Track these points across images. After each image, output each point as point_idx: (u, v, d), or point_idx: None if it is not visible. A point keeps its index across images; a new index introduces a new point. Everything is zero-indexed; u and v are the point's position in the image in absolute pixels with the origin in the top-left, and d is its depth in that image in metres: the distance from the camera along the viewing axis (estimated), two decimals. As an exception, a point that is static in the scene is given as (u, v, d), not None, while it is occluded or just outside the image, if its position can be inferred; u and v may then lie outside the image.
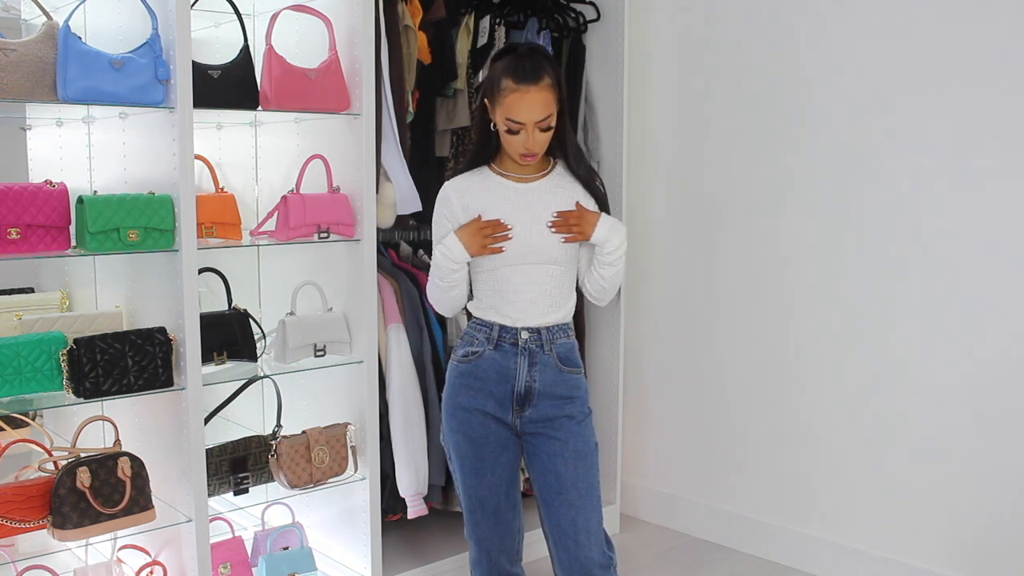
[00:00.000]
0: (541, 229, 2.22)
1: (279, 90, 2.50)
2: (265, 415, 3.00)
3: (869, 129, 2.95)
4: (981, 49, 2.71)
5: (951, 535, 2.86)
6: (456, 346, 2.32)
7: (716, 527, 3.46)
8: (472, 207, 2.24)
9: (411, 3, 2.94)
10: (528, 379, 2.21)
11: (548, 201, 2.25)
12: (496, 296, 2.24)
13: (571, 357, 2.27)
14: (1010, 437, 2.72)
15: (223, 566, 2.58)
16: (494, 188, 2.25)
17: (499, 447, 2.25)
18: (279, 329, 2.62)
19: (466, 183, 2.27)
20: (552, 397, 2.22)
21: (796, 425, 3.21)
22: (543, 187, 2.26)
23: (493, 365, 2.22)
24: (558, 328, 2.25)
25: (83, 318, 2.48)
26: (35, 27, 2.43)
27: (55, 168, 2.78)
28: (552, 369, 2.23)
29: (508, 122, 2.15)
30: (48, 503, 2.15)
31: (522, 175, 2.27)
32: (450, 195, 2.27)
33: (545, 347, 2.23)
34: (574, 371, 2.27)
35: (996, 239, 2.72)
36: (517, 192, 2.24)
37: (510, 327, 2.22)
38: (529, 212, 2.22)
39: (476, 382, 2.24)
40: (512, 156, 2.22)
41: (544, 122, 2.15)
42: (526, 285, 2.22)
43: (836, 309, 3.08)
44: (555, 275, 2.24)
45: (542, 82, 2.12)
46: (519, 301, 2.21)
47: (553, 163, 2.31)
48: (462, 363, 2.27)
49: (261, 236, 2.67)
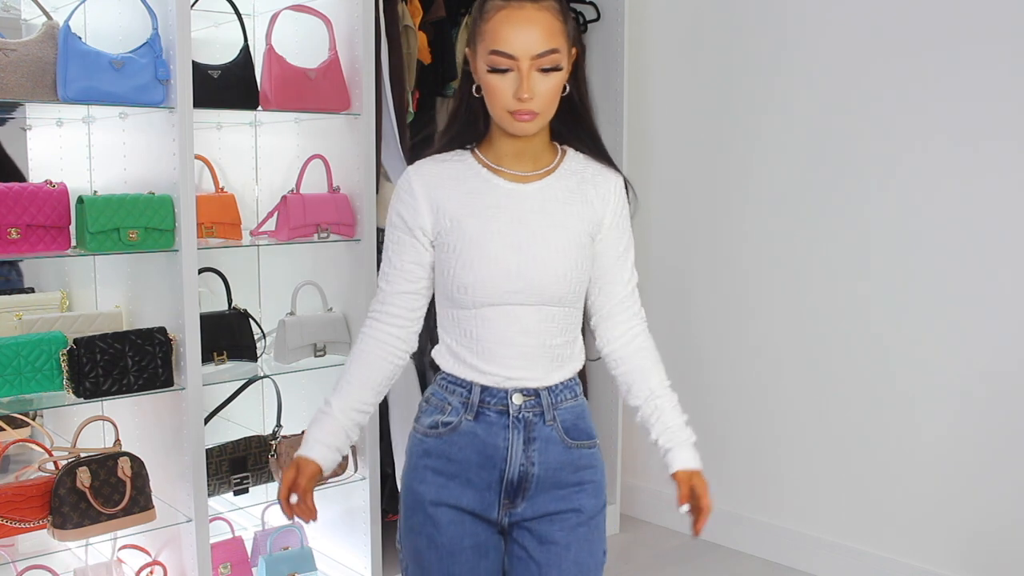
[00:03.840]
0: (542, 255, 1.55)
1: (279, 90, 2.50)
2: (265, 415, 3.00)
3: (869, 129, 2.95)
4: (985, 43, 2.71)
5: (951, 535, 2.86)
6: (420, 410, 1.67)
7: (716, 527, 3.45)
8: (444, 209, 1.57)
9: (411, 3, 2.94)
10: (524, 461, 1.59)
11: (556, 214, 1.58)
12: (475, 346, 1.58)
13: (581, 426, 1.64)
14: (1010, 437, 2.72)
15: (223, 566, 2.58)
16: (479, 187, 1.59)
17: (477, 555, 1.61)
18: (279, 329, 2.62)
19: (438, 169, 1.61)
20: (556, 485, 1.61)
21: (796, 425, 3.21)
22: (548, 191, 1.60)
23: (473, 442, 1.59)
24: (563, 387, 1.62)
25: (83, 318, 2.48)
26: (35, 27, 2.43)
27: (55, 168, 2.78)
28: (556, 446, 1.60)
29: (493, 58, 1.48)
30: (48, 503, 2.15)
31: (518, 170, 1.60)
32: (414, 185, 1.59)
33: (546, 415, 1.60)
34: (586, 445, 1.64)
35: (997, 237, 2.72)
36: (510, 197, 1.58)
37: (496, 388, 1.58)
38: (525, 228, 1.56)
39: (449, 465, 1.60)
40: (500, 120, 1.54)
41: (546, 58, 1.48)
42: (517, 334, 1.57)
43: (836, 309, 3.07)
44: (558, 320, 1.59)
45: (543, 1, 1.50)
46: (507, 356, 1.57)
47: (562, 153, 1.64)
48: (429, 437, 1.62)
49: (261, 236, 2.67)
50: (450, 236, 1.57)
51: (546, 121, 1.56)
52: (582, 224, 1.60)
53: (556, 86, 1.52)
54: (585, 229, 1.61)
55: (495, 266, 1.54)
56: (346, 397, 1.62)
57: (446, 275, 1.58)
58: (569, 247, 1.58)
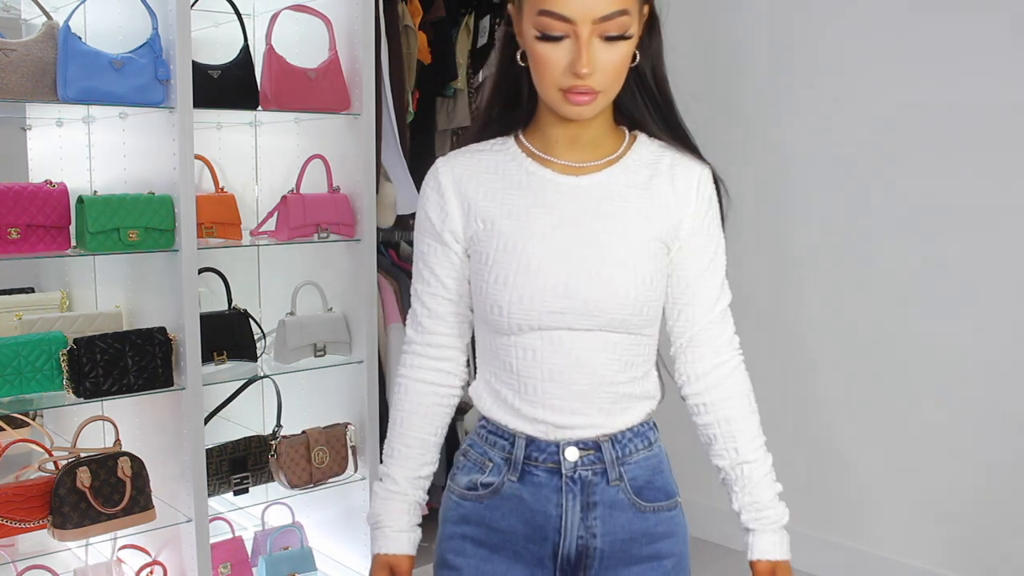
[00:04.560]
0: (597, 267, 1.23)
1: (279, 90, 2.50)
2: (265, 415, 3.00)
3: (869, 129, 2.95)
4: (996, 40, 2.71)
5: (951, 535, 2.86)
6: (456, 466, 1.37)
7: (716, 527, 3.46)
8: (477, 209, 1.28)
9: (411, 3, 2.94)
10: (583, 533, 1.27)
11: (617, 215, 1.26)
12: (516, 383, 1.28)
13: (657, 483, 1.33)
14: (1011, 437, 2.72)
15: (223, 566, 2.58)
16: (520, 181, 1.28)
17: None
18: (279, 329, 2.62)
19: (473, 161, 1.32)
20: (626, 561, 1.29)
21: (795, 425, 3.20)
22: (609, 186, 1.27)
23: (518, 508, 1.28)
24: (632, 436, 1.31)
25: (83, 318, 2.48)
26: (35, 27, 2.43)
27: (55, 168, 2.78)
28: (625, 511, 1.29)
29: (543, 19, 1.16)
30: (48, 503, 2.15)
31: (572, 160, 1.28)
32: (442, 180, 1.31)
33: (610, 473, 1.28)
34: (664, 507, 1.33)
35: (996, 234, 2.72)
36: (559, 193, 1.27)
37: (544, 441, 1.28)
38: (576, 233, 1.25)
39: (491, 535, 1.30)
40: (549, 100, 1.22)
41: (613, 22, 1.16)
42: (568, 368, 1.25)
43: (836, 309, 3.08)
44: (621, 351, 1.27)
45: None
46: (557, 397, 1.26)
47: (631, 139, 1.32)
48: (467, 500, 1.32)
49: (261, 236, 2.67)
50: (484, 243, 1.27)
51: (608, 101, 1.24)
52: (653, 228, 1.27)
53: (623, 58, 1.20)
54: (657, 235, 1.27)
55: (537, 279, 1.23)
56: (407, 463, 1.34)
57: (480, 292, 1.27)
58: (634, 257, 1.24)
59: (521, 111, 1.31)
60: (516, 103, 1.31)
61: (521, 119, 1.32)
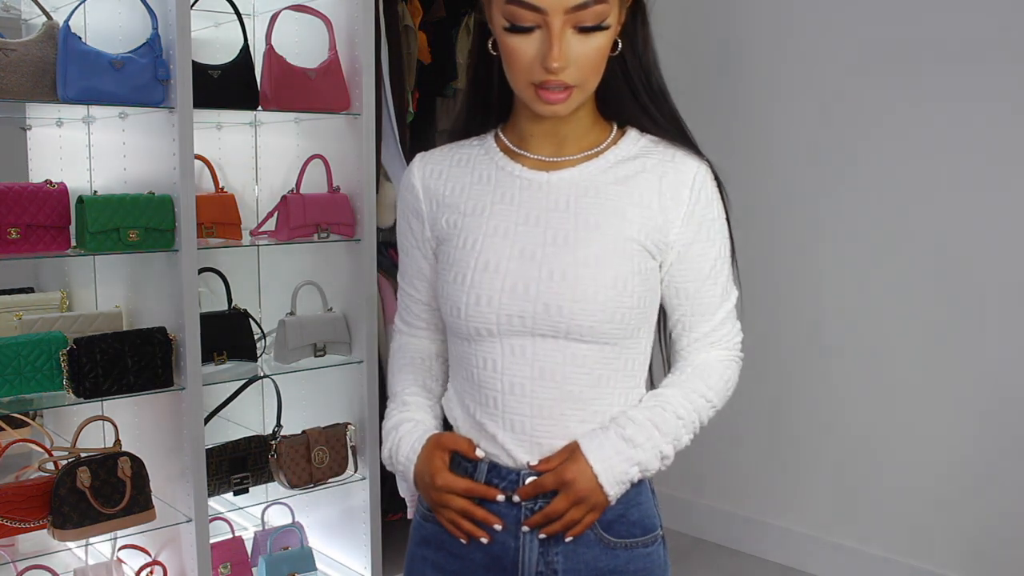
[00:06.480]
0: (561, 268, 1.13)
1: (279, 90, 2.50)
2: (265, 415, 3.00)
3: (869, 129, 2.95)
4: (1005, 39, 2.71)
5: (951, 535, 2.86)
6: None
7: (716, 527, 3.46)
8: (444, 205, 1.23)
9: (411, 3, 2.95)
10: (543, 568, 1.17)
11: (590, 212, 1.16)
12: (477, 394, 1.18)
13: (632, 516, 1.20)
14: (1011, 437, 2.72)
15: (223, 566, 2.58)
16: (489, 176, 1.21)
17: None
18: (279, 329, 2.62)
19: (446, 157, 1.27)
20: None
21: (795, 425, 3.20)
22: (583, 182, 1.18)
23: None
24: None
25: (83, 318, 2.48)
26: (35, 27, 2.43)
27: (55, 168, 2.78)
28: (591, 547, 1.17)
29: (511, 8, 1.08)
30: (48, 503, 2.15)
31: (547, 155, 1.20)
32: (414, 181, 1.27)
33: None
34: (639, 543, 1.21)
35: (996, 237, 2.72)
36: (527, 190, 1.18)
37: (506, 468, 1.18)
38: (543, 231, 1.16)
39: (449, 560, 1.23)
40: (522, 95, 1.14)
41: (587, 11, 1.07)
42: (532, 379, 1.15)
43: (836, 310, 3.08)
44: (592, 363, 1.15)
45: None
46: (519, 410, 1.15)
47: (617, 134, 1.23)
48: (427, 522, 1.27)
49: (261, 236, 2.67)
50: (447, 241, 1.21)
51: (585, 96, 1.15)
52: (629, 228, 1.15)
53: (600, 50, 1.10)
54: (633, 235, 1.15)
55: (495, 280, 1.13)
56: (406, 386, 1.30)
57: (441, 291, 1.20)
58: (605, 258, 1.13)
59: (496, 104, 1.24)
60: (488, 96, 1.24)
61: (498, 113, 1.25)
